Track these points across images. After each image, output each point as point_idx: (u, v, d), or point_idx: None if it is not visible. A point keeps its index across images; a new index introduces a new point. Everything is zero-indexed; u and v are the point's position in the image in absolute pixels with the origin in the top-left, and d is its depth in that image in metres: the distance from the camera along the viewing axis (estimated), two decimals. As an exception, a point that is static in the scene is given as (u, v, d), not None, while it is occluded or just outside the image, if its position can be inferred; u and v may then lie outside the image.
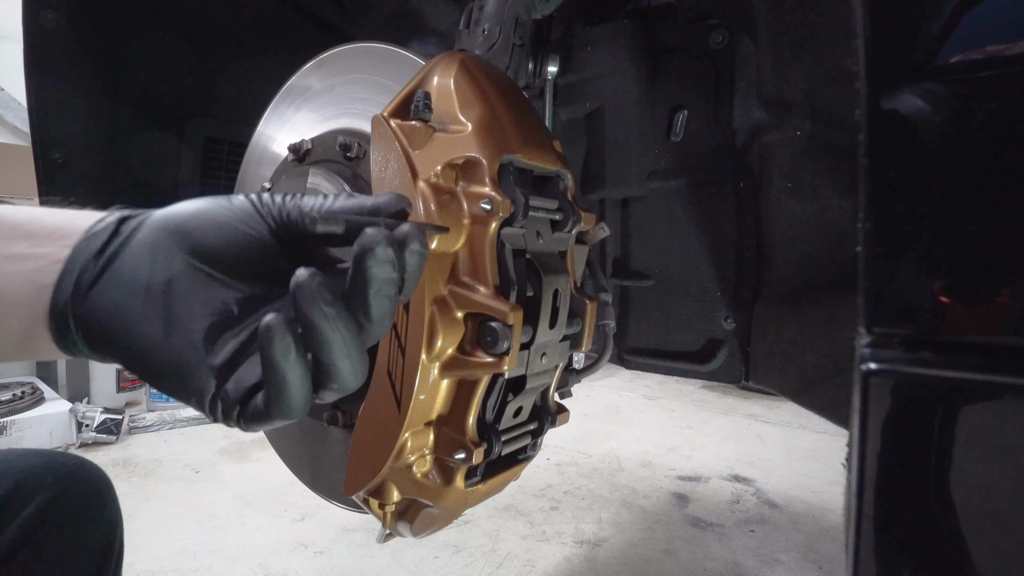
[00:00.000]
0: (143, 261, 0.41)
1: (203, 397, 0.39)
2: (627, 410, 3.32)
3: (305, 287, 0.36)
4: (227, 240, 0.42)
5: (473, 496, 0.62)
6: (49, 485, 0.67)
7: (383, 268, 0.37)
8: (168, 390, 0.41)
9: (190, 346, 0.40)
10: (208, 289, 0.41)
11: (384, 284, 0.38)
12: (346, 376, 0.38)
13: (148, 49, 1.12)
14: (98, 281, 0.40)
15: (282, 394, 0.37)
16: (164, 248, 0.41)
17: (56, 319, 0.41)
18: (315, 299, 0.36)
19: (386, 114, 0.57)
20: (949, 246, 0.35)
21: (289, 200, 0.44)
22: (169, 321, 0.40)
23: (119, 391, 2.95)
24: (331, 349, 0.37)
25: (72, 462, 0.73)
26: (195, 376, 0.40)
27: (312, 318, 0.36)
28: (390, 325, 0.41)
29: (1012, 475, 0.34)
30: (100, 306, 0.40)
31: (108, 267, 0.41)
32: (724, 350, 1.05)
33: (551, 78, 1.02)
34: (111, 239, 0.42)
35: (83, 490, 0.71)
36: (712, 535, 1.91)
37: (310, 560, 1.69)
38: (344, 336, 0.37)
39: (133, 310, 0.40)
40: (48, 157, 1.04)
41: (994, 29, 0.33)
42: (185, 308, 0.40)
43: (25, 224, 0.43)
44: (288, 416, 0.38)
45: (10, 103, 2.91)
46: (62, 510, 0.67)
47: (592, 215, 0.64)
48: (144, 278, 0.40)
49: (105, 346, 0.41)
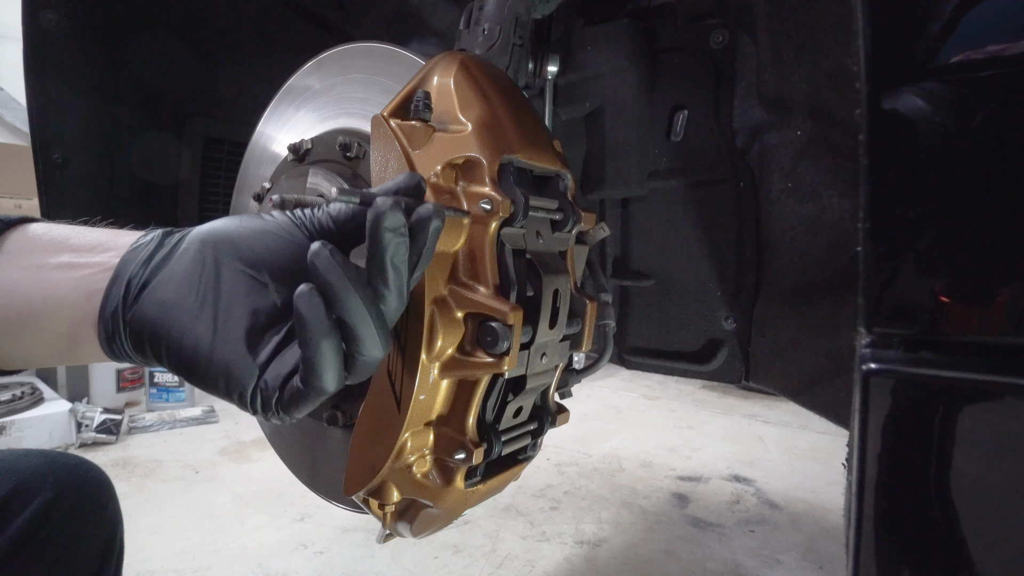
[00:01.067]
0: (192, 266, 0.43)
1: (245, 392, 0.42)
2: (627, 410, 3.32)
3: (320, 253, 0.39)
4: (271, 247, 0.45)
5: (473, 496, 0.62)
6: (50, 485, 0.67)
7: (395, 233, 0.40)
8: (212, 387, 0.42)
9: (237, 345, 0.42)
10: (253, 292, 0.44)
11: (397, 249, 0.41)
12: (369, 343, 0.40)
13: (148, 49, 1.12)
14: (147, 286, 0.43)
15: (316, 363, 0.39)
16: (213, 254, 0.44)
17: (106, 322, 0.43)
18: (331, 264, 0.39)
19: (386, 114, 0.57)
20: (949, 246, 0.35)
21: (319, 211, 0.48)
22: (218, 321, 0.42)
23: (119, 391, 2.95)
24: (352, 312, 0.39)
25: (72, 462, 0.73)
26: (241, 373, 0.42)
27: (331, 281, 0.39)
28: (406, 299, 0.43)
29: (1012, 475, 0.34)
30: (150, 309, 0.42)
31: (157, 273, 0.43)
32: (724, 350, 1.05)
33: (551, 78, 1.02)
34: (157, 249, 0.45)
35: (83, 490, 0.71)
36: (712, 535, 1.91)
37: (310, 560, 1.69)
38: (364, 298, 0.39)
39: (184, 311, 0.42)
40: (48, 157, 1.04)
41: (994, 29, 0.33)
42: (233, 309, 0.43)
43: (70, 239, 0.46)
44: (323, 387, 0.40)
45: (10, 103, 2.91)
46: (63, 510, 0.67)
47: (592, 215, 0.64)
48: (193, 282, 0.43)
49: (154, 348, 0.43)
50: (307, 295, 0.39)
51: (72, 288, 0.44)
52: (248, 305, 0.43)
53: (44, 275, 0.44)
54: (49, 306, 0.43)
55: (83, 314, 0.43)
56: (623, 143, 1.05)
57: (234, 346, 0.42)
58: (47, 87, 1.02)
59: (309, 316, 0.39)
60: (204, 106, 1.22)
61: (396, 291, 0.41)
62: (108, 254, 0.45)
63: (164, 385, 3.07)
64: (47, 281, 0.44)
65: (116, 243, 0.46)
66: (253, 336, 0.43)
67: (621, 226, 1.14)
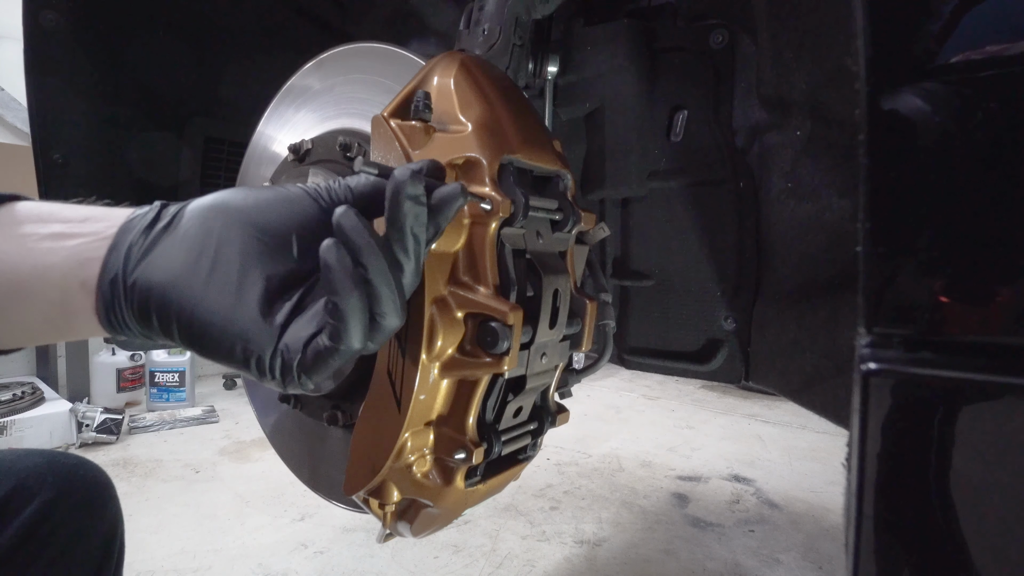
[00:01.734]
0: (200, 232, 0.42)
1: (264, 355, 0.41)
2: (627, 410, 3.32)
3: (347, 213, 0.40)
4: (283, 215, 0.44)
5: (473, 496, 0.62)
6: (50, 485, 0.67)
7: (415, 201, 0.41)
8: (227, 355, 0.41)
9: (252, 311, 0.41)
10: (265, 257, 0.43)
11: (418, 218, 0.42)
12: (389, 305, 0.41)
13: (148, 49, 1.12)
14: (149, 253, 0.42)
15: (346, 315, 0.39)
16: (223, 220, 0.43)
17: (104, 291, 0.42)
18: (357, 224, 0.40)
19: (386, 114, 0.57)
20: (949, 246, 0.35)
21: (336, 183, 0.48)
22: (232, 286, 0.41)
23: (119, 391, 2.96)
24: (376, 270, 0.40)
25: (73, 462, 0.73)
26: (258, 336, 0.41)
27: (356, 240, 0.39)
28: (420, 273, 0.44)
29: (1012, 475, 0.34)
30: (156, 274, 0.41)
31: (160, 240, 0.42)
32: (724, 350, 1.05)
33: (551, 78, 1.02)
34: (157, 219, 0.43)
35: (84, 490, 0.71)
36: (712, 535, 1.91)
37: (310, 560, 1.69)
38: (386, 261, 0.40)
39: (195, 277, 0.41)
40: (48, 157, 1.04)
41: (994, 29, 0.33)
42: (247, 274, 0.42)
43: (61, 211, 0.44)
44: (351, 342, 0.40)
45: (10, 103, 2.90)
46: (63, 510, 0.67)
47: (592, 215, 0.64)
48: (203, 247, 0.42)
49: (162, 316, 0.41)
50: (334, 248, 0.39)
51: (64, 257, 0.42)
52: (261, 270, 0.42)
53: (33, 244, 0.42)
54: (39, 273, 0.42)
55: (78, 282, 0.42)
56: (623, 143, 1.05)
57: (249, 310, 0.41)
58: (47, 87, 1.02)
59: (338, 267, 0.39)
60: (204, 106, 1.22)
61: (414, 259, 0.42)
62: (102, 224, 0.43)
63: (164, 385, 3.07)
64: (36, 250, 0.42)
65: (110, 216, 0.44)
66: (267, 302, 0.42)
67: (621, 226, 1.14)
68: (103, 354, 2.97)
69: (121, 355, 2.97)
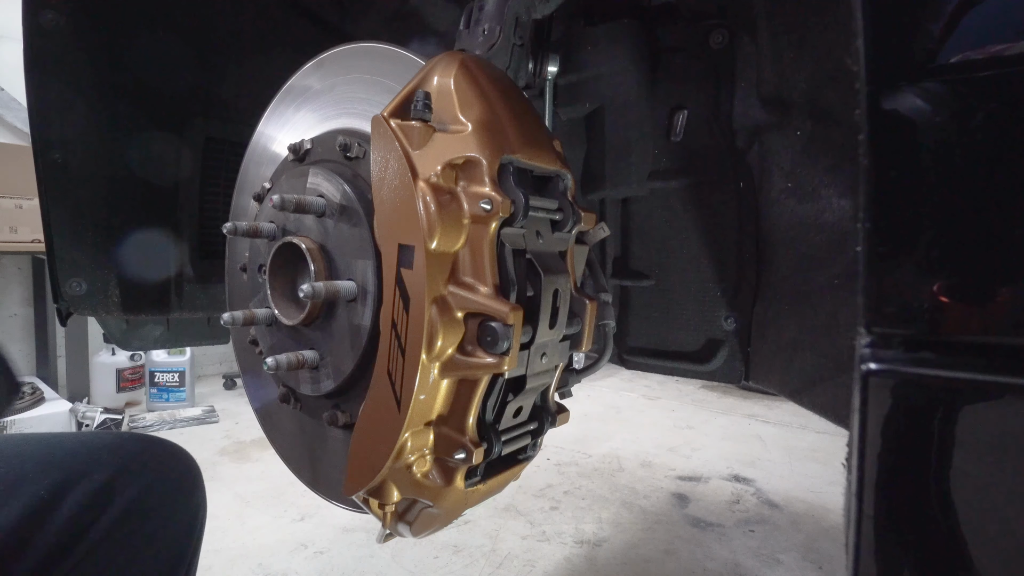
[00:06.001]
0: None
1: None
2: (627, 410, 3.32)
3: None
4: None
5: (473, 496, 0.62)
6: (150, 469, 0.72)
7: None
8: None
9: None
10: None
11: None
12: None
13: (148, 49, 1.12)
14: None
15: None
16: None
17: None
18: None
19: (386, 114, 0.57)
20: (949, 246, 0.35)
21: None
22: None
23: (119, 391, 2.96)
24: None
25: (169, 449, 0.78)
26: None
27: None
28: None
29: (1012, 475, 0.34)
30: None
31: None
32: (724, 350, 1.05)
33: (551, 78, 1.02)
34: None
35: (177, 475, 0.77)
36: (712, 535, 1.91)
37: (310, 560, 1.69)
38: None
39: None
40: (48, 157, 1.04)
41: (994, 29, 0.33)
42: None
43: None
44: None
45: (10, 103, 2.91)
46: (159, 493, 0.72)
47: (592, 215, 0.64)
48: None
49: None
50: None
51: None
52: None
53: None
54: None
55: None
56: (623, 143, 1.05)
57: None
58: (47, 87, 1.02)
59: None
60: (204, 106, 1.22)
61: None
62: None
63: (164, 385, 3.07)
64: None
65: None
66: None
67: (621, 226, 1.14)
68: (103, 354, 2.97)
69: (121, 355, 2.97)
